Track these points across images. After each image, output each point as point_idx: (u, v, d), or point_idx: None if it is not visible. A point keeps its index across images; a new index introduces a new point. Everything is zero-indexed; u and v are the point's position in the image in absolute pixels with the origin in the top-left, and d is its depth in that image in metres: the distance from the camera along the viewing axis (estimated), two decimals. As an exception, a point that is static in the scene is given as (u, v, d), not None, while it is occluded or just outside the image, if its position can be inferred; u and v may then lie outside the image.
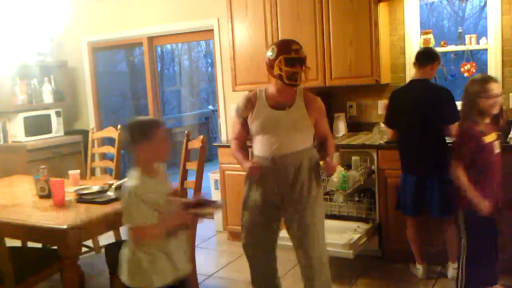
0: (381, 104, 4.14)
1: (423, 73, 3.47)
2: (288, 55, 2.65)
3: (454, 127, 3.25)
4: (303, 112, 2.77)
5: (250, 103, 2.82)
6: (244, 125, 2.86)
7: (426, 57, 3.49)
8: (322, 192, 2.94)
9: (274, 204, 2.81)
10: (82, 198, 3.15)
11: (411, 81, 3.57)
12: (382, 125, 4.20)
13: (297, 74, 2.66)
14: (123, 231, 4.05)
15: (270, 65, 2.72)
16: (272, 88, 2.80)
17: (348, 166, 3.93)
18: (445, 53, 4.17)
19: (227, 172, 4.52)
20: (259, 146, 2.82)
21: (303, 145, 2.78)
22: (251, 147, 2.93)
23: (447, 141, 3.43)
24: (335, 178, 3.71)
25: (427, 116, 3.38)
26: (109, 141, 5.47)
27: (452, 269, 3.52)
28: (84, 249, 4.16)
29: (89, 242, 4.23)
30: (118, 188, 3.25)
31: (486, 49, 4.04)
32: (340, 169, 3.79)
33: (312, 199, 2.77)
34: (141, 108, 7.25)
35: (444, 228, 3.51)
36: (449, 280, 3.52)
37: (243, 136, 2.91)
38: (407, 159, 3.50)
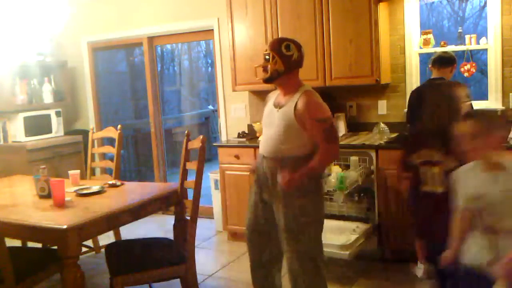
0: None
1: (442, 73, 3.46)
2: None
3: None
4: (289, 114, 2.67)
5: (267, 99, 2.95)
6: None
7: (446, 60, 3.47)
8: (313, 201, 2.73)
9: (264, 201, 2.84)
10: (82, 198, 3.15)
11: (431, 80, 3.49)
12: (382, 124, 4.21)
13: (263, 71, 2.76)
14: (123, 231, 4.08)
15: None
16: None
17: (346, 166, 3.93)
18: (445, 53, 4.17)
19: (227, 172, 4.52)
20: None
21: (291, 151, 2.68)
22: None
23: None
24: (333, 178, 3.71)
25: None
26: (109, 141, 5.48)
27: None
28: (84, 249, 4.16)
29: (89, 242, 4.23)
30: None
31: (486, 49, 4.04)
32: (337, 170, 3.79)
33: (295, 206, 2.67)
34: (141, 108, 7.25)
35: None
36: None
37: None
38: None
